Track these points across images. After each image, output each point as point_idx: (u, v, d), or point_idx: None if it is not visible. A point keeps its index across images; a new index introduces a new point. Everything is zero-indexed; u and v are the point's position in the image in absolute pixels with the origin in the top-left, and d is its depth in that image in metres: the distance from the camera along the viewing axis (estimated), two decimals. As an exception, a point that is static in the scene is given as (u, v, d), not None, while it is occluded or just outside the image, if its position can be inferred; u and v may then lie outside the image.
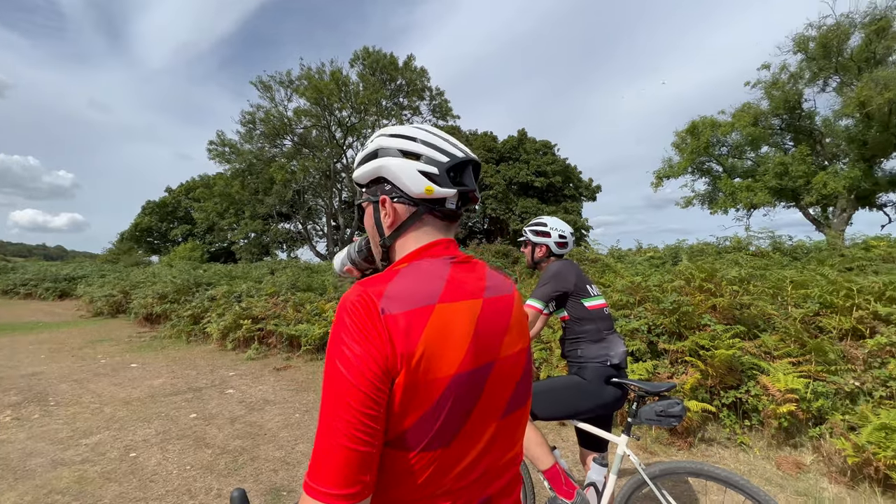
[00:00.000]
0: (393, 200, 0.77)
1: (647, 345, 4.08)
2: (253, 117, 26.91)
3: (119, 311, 11.93)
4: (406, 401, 0.61)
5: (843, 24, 15.45)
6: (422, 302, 0.64)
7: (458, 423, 0.65)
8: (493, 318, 0.72)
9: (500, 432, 0.72)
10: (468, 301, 0.70)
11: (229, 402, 4.52)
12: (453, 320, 0.66)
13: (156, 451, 3.33)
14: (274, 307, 7.43)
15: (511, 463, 0.76)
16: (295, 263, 15.47)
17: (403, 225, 0.78)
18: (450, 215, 0.79)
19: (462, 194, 0.79)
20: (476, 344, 0.67)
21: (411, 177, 0.75)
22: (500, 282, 0.80)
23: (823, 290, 4.04)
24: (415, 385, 0.60)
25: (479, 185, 0.83)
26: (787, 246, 7.38)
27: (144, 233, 40.50)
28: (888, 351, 3.31)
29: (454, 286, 0.70)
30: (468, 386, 0.65)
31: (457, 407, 0.64)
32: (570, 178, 31.06)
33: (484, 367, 0.68)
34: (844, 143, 16.26)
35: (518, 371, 0.76)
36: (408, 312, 0.62)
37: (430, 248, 0.76)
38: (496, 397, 0.70)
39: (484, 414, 0.68)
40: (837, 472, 2.90)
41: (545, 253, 2.24)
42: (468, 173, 0.79)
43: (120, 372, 5.75)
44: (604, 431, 1.93)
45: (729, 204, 18.56)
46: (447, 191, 0.75)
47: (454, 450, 0.65)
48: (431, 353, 0.62)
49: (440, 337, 0.63)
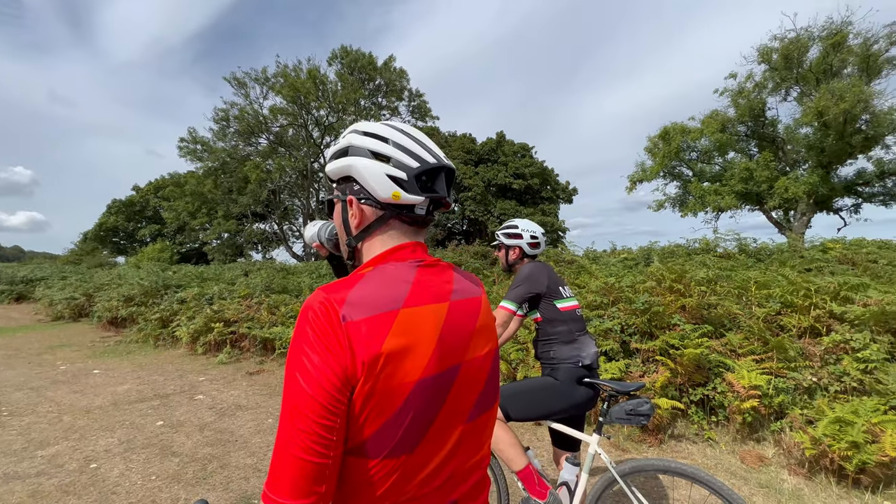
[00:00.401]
0: (360, 202, 0.75)
1: (619, 344, 4.17)
2: (227, 114, 26.21)
3: (81, 315, 11.38)
4: (368, 408, 0.60)
5: (802, 37, 16.28)
6: (385, 307, 0.63)
7: (423, 429, 0.64)
8: (460, 321, 0.72)
9: (466, 436, 0.72)
10: (434, 305, 0.69)
11: (199, 408, 4.38)
12: (418, 325, 0.65)
13: (118, 462, 3.18)
14: (247, 309, 7.24)
15: (477, 466, 0.76)
16: (270, 265, 15.14)
17: (370, 227, 0.76)
18: (418, 220, 0.77)
19: (433, 200, 0.76)
20: (441, 348, 0.66)
21: (379, 180, 0.72)
22: (467, 284, 0.79)
23: (784, 291, 4.24)
24: (377, 392, 0.60)
25: (458, 187, 0.83)
26: (751, 248, 7.70)
27: (110, 233, 38.84)
28: (842, 348, 3.49)
29: (419, 290, 0.69)
30: (433, 391, 0.64)
31: (421, 412, 0.63)
32: (548, 181, 31.55)
33: (449, 371, 0.67)
34: (804, 150, 17.11)
35: (484, 374, 0.75)
36: (370, 318, 0.61)
37: (397, 251, 0.75)
38: (462, 401, 0.70)
39: (449, 418, 0.68)
40: (796, 464, 3.04)
41: (519, 255, 2.27)
42: (440, 180, 0.77)
43: (81, 379, 5.48)
44: (576, 431, 1.96)
45: (698, 207, 19.24)
46: (415, 198, 0.72)
47: (418, 456, 0.64)
48: (395, 359, 0.61)
49: (404, 342, 0.62)
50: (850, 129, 15.07)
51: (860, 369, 3.24)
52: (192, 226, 31.98)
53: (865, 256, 5.75)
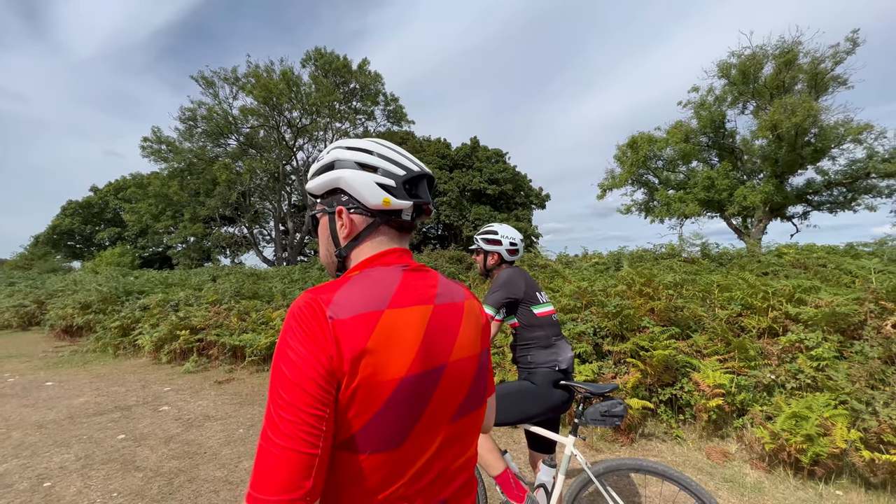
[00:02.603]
0: (350, 211, 0.78)
1: (592, 347, 4.28)
2: (194, 114, 25.27)
3: (32, 324, 10.68)
4: (354, 403, 0.61)
5: (758, 54, 17.31)
6: (370, 307, 0.66)
7: (408, 426, 0.66)
8: (444, 323, 0.74)
9: (453, 436, 0.73)
10: (418, 307, 0.72)
11: (164, 419, 4.18)
12: (402, 325, 0.67)
13: (75, 479, 3.00)
14: (216, 316, 6.98)
15: (465, 466, 0.77)
16: (239, 269, 14.68)
17: (360, 235, 0.79)
18: (405, 226, 0.81)
19: (417, 206, 0.81)
20: (425, 348, 0.68)
21: (369, 188, 0.76)
22: (453, 289, 0.81)
23: (744, 293, 4.46)
24: (362, 388, 0.61)
25: (433, 192, 0.87)
26: (714, 253, 8.07)
27: (64, 236, 36.66)
28: (797, 347, 3.71)
29: (404, 292, 0.72)
30: (417, 389, 0.66)
31: (406, 409, 0.65)
32: (521, 187, 32.08)
33: (433, 371, 0.69)
34: (760, 160, 18.14)
35: (469, 376, 0.76)
36: (356, 317, 0.64)
37: (384, 256, 0.78)
38: (447, 401, 0.71)
39: (434, 417, 0.69)
40: (757, 458, 3.20)
41: (497, 260, 2.29)
42: (423, 186, 0.82)
43: (32, 392, 5.14)
44: (552, 433, 2.00)
45: (664, 213, 20.03)
46: (404, 203, 0.77)
47: (405, 452, 0.66)
48: (379, 357, 0.63)
49: (388, 341, 0.64)
50: (800, 142, 16.10)
51: (813, 367, 3.45)
52: (155, 229, 30.57)
53: (816, 261, 6.13)
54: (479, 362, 0.79)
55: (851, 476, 2.93)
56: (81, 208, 37.27)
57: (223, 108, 25.41)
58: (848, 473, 2.95)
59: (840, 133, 15.90)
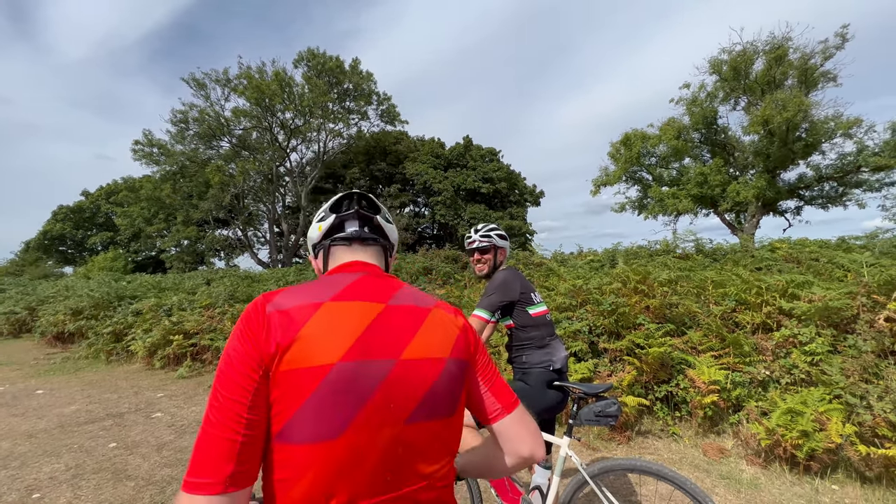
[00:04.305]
0: (313, 254, 0.98)
1: (588, 345, 4.28)
2: (186, 116, 25.07)
3: (23, 331, 10.55)
4: (287, 388, 0.63)
5: (748, 50, 17.41)
6: (311, 300, 0.71)
7: (346, 416, 0.65)
8: (396, 321, 0.76)
9: (410, 440, 0.70)
10: (365, 302, 0.75)
11: (156, 426, 4.13)
12: (342, 315, 0.71)
13: (65, 490, 2.95)
14: (209, 320, 6.92)
15: (431, 482, 0.73)
16: (234, 272, 14.58)
17: (325, 265, 0.92)
18: (355, 237, 0.90)
19: (364, 219, 0.92)
20: (367, 339, 0.70)
21: (312, 230, 0.95)
22: (418, 296, 0.84)
23: (738, 289, 4.47)
24: (294, 372, 0.64)
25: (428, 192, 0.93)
26: (707, 248, 8.10)
27: (56, 241, 36.26)
28: (791, 342, 3.72)
29: (353, 290, 0.77)
30: (354, 377, 0.66)
31: (343, 395, 0.65)
32: (515, 185, 32.09)
33: (377, 364, 0.69)
34: (752, 156, 18.26)
35: (428, 378, 0.73)
36: (294, 308, 0.69)
37: (342, 267, 0.87)
38: (398, 398, 0.69)
39: (381, 412, 0.67)
40: (753, 454, 3.21)
41: (504, 258, 2.27)
42: (348, 202, 0.92)
43: (22, 400, 5.06)
44: (547, 434, 1.98)
45: (658, 210, 20.11)
46: (330, 219, 0.91)
47: (345, 445, 0.64)
48: (313, 343, 0.66)
49: (325, 328, 0.68)
50: (792, 137, 16.22)
51: (807, 362, 3.46)
52: (147, 232, 30.32)
53: (808, 255, 6.16)
54: (445, 368, 0.75)
55: (847, 470, 2.94)
56: (73, 213, 36.88)
57: (215, 109, 25.22)
58: (843, 468, 2.96)
59: (830, 128, 16.03)
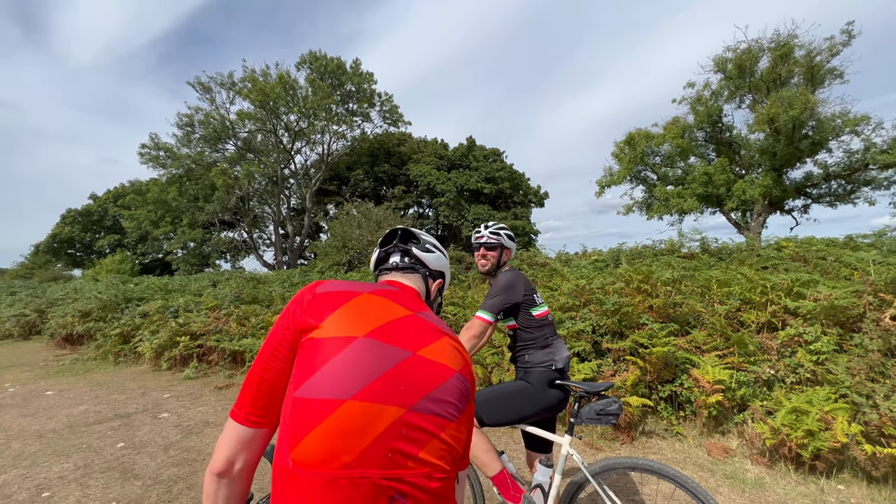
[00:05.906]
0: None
1: (591, 345, 4.27)
2: (191, 119, 25.34)
3: (33, 333, 10.69)
4: (312, 352, 0.77)
5: (753, 48, 17.27)
6: (354, 290, 0.87)
7: (361, 381, 0.73)
8: (419, 327, 0.85)
9: (413, 423, 0.73)
10: (396, 304, 0.88)
11: (163, 426, 4.18)
12: (375, 305, 0.85)
13: (74, 489, 2.99)
14: (215, 321, 6.97)
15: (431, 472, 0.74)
16: (239, 274, 14.66)
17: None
18: (397, 267, 1.09)
19: (404, 251, 1.12)
20: (390, 328, 0.81)
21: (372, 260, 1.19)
22: (441, 323, 0.92)
23: (743, 288, 4.44)
24: (322, 341, 0.77)
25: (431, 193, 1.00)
26: (713, 248, 8.05)
27: (64, 244, 36.66)
28: (796, 341, 3.69)
29: (389, 293, 0.90)
30: (374, 351, 0.77)
31: (359, 366, 0.75)
32: (519, 185, 32.03)
33: (394, 350, 0.79)
34: (757, 154, 18.11)
35: (440, 377, 0.79)
36: (338, 292, 0.86)
37: (386, 282, 1.03)
38: (408, 383, 0.76)
39: (390, 388, 0.74)
40: (758, 453, 3.19)
41: (508, 258, 2.28)
42: (391, 236, 1.16)
43: (32, 401, 5.14)
44: (548, 433, 1.99)
45: (663, 210, 19.98)
46: (376, 253, 1.15)
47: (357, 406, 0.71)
48: (345, 318, 0.80)
49: (357, 311, 0.82)
50: (798, 135, 16.07)
51: (813, 361, 3.43)
52: (154, 235, 30.60)
53: (815, 254, 6.10)
54: (453, 377, 0.81)
55: (853, 470, 2.92)
56: (81, 216, 37.28)
57: (220, 113, 25.48)
58: (849, 467, 2.94)
59: (837, 125, 15.86)
